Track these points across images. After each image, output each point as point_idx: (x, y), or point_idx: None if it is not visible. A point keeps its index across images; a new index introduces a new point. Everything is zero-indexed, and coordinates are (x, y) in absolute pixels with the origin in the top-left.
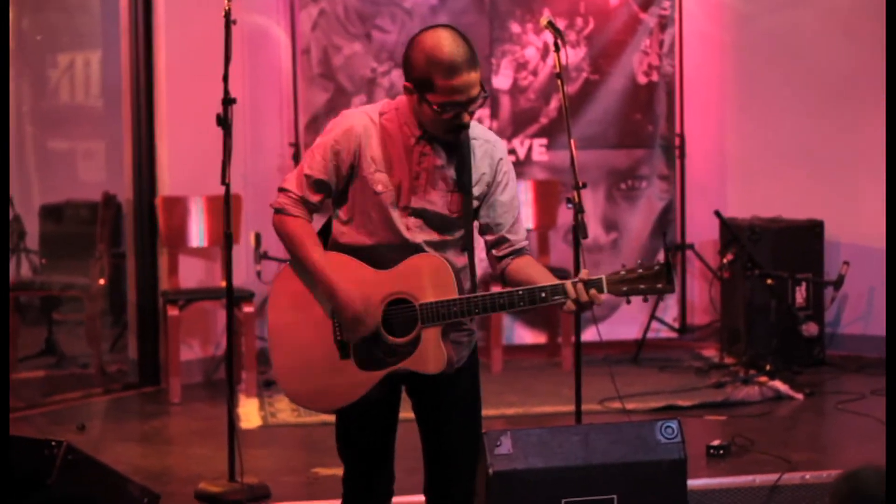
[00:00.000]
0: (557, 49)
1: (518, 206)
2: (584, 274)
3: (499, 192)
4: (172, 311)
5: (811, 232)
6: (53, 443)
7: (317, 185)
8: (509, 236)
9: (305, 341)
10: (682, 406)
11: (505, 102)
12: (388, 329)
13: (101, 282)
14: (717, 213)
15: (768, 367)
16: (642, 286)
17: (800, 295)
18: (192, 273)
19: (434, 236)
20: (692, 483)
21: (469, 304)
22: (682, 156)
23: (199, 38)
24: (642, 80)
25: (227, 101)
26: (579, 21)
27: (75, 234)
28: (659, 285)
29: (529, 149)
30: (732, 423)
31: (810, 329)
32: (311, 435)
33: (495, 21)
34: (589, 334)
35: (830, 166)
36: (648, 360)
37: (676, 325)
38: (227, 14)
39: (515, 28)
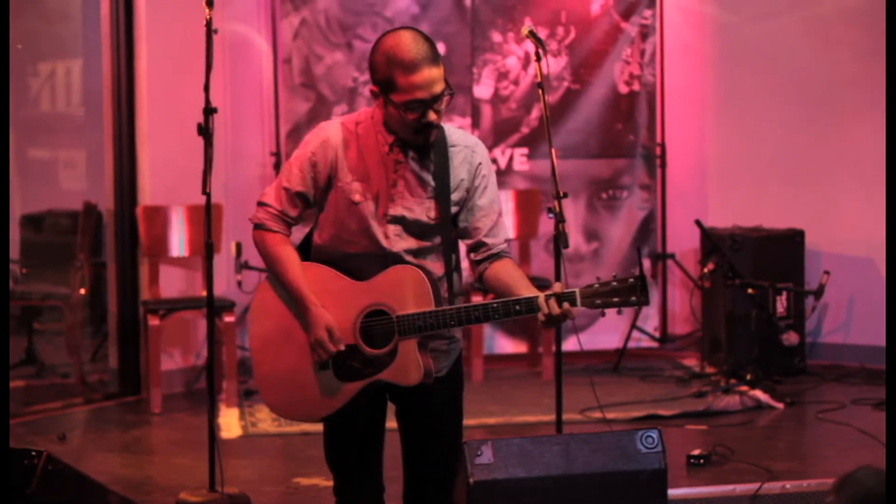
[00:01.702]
0: (539, 58)
1: (498, 210)
2: (556, 287)
3: (477, 197)
4: (153, 321)
5: (792, 241)
6: (33, 452)
7: (296, 198)
8: (487, 240)
9: (285, 353)
10: (662, 415)
11: (486, 112)
12: (368, 340)
13: (82, 291)
14: (698, 223)
15: (749, 377)
16: (616, 299)
17: (780, 304)
18: (172, 282)
19: (413, 244)
20: (673, 492)
21: (445, 317)
22: (663, 165)
23: (181, 47)
24: (623, 89)
25: (209, 111)
26: (560, 30)
27: (56, 244)
28: (633, 298)
29: (510, 158)
30: (713, 433)
31: (791, 338)
32: (292, 445)
33: (477, 30)
34: (570, 344)
35: (811, 176)
36: (629, 370)
37: (657, 334)
38: (209, 23)
39: (497, 37)
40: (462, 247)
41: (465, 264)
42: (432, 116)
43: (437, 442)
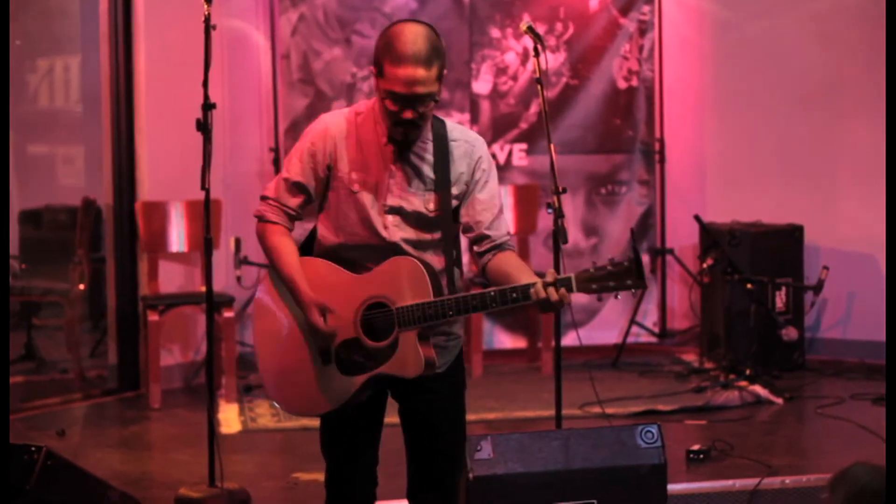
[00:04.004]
0: (537, 54)
1: (499, 203)
2: (550, 274)
3: (477, 190)
4: (152, 317)
5: (791, 236)
6: (33, 448)
7: (294, 187)
8: (489, 233)
9: (288, 348)
10: (662, 410)
11: (485, 107)
12: (370, 333)
13: (81, 287)
14: (697, 218)
15: (748, 372)
16: (612, 283)
17: (779, 299)
18: (171, 278)
19: (412, 234)
20: (672, 487)
21: (443, 307)
22: (662, 161)
23: (179, 43)
24: (622, 84)
25: (207, 107)
26: (559, 26)
27: (55, 239)
28: (629, 281)
29: (509, 154)
30: (712, 428)
31: (790, 333)
32: (292, 440)
33: (475, 26)
34: (569, 339)
35: (810, 171)
36: (628, 365)
37: (656, 329)
38: (207, 19)
39: (495, 33)
40: (465, 242)
41: (465, 258)
42: (408, 114)
43: (440, 439)
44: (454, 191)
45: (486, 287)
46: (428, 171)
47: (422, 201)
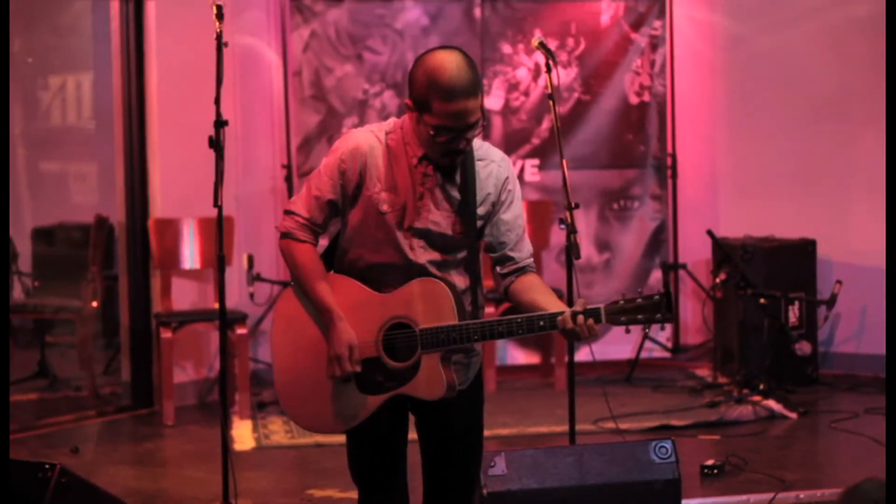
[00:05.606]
0: (549, 70)
1: (522, 224)
2: (580, 304)
3: (502, 211)
4: (165, 334)
5: (804, 251)
6: (47, 465)
7: (326, 206)
8: (512, 254)
9: (307, 364)
10: (675, 426)
11: (497, 123)
12: (390, 353)
13: (94, 304)
14: (710, 233)
15: (762, 387)
16: (640, 316)
17: (793, 314)
18: (184, 295)
19: (437, 256)
20: (686, 503)
21: (468, 331)
22: (674, 175)
23: (191, 60)
24: (634, 100)
25: (220, 124)
26: (570, 41)
27: (68, 257)
28: (658, 315)
29: (521, 169)
30: (726, 443)
31: (803, 348)
32: (305, 456)
33: (487, 42)
34: (582, 354)
35: (822, 185)
36: (642, 380)
37: (669, 344)
38: (219, 36)
39: (507, 49)
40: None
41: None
42: (461, 144)
43: (458, 456)
44: (480, 211)
45: (499, 302)
46: (454, 193)
47: (448, 223)
